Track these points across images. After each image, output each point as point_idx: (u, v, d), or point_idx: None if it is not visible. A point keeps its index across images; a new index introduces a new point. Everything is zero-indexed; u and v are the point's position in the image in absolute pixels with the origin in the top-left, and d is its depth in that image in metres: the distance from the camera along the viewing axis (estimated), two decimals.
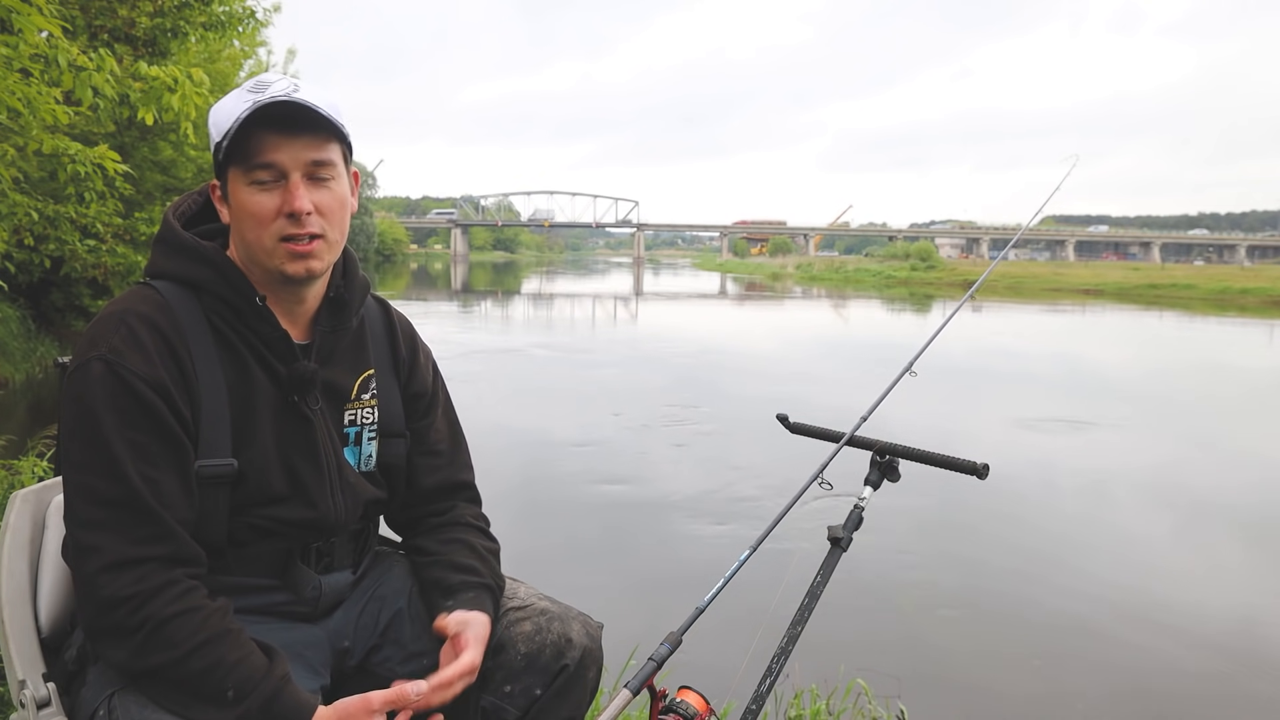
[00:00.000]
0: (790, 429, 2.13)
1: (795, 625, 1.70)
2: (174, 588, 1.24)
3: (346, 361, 1.49)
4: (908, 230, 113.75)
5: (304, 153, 1.32)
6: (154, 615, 1.21)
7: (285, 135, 1.31)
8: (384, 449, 1.53)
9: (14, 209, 6.69)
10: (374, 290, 1.60)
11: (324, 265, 1.38)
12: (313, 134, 1.33)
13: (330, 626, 1.48)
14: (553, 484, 7.59)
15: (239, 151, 1.31)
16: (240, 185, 1.33)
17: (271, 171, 1.32)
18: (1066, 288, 47.13)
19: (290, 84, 1.34)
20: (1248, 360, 19.14)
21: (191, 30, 8.30)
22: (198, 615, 1.24)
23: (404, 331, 1.61)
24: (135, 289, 1.38)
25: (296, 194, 1.31)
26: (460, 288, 47.78)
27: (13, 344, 11.53)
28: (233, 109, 1.32)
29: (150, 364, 1.27)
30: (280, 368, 1.39)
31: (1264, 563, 6.19)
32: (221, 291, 1.36)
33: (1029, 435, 9.97)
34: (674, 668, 1.60)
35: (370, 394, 1.52)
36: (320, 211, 1.34)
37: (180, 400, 1.29)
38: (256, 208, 1.32)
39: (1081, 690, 4.20)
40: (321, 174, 1.35)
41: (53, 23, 3.98)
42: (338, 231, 1.39)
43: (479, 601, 1.44)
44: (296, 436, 1.40)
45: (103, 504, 1.23)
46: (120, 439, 1.24)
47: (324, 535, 1.45)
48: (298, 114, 1.31)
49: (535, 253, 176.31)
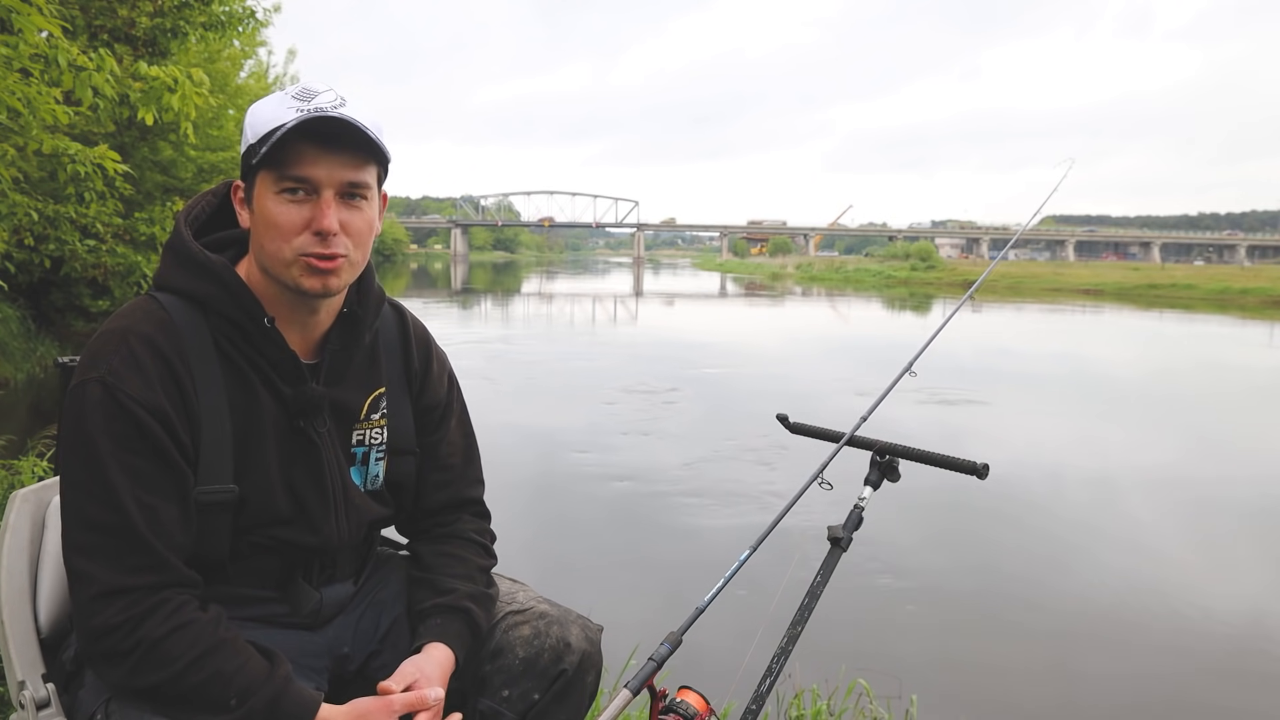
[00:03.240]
0: (790, 429, 2.13)
1: (795, 625, 1.70)
2: (164, 607, 1.22)
3: (357, 380, 1.45)
4: (907, 230, 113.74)
5: (342, 172, 1.28)
6: (147, 637, 1.20)
7: (326, 151, 1.27)
8: (392, 467, 1.50)
9: (14, 209, 6.69)
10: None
11: (342, 284, 1.34)
12: (353, 153, 1.29)
13: (329, 633, 1.47)
14: (549, 475, 7.59)
15: (275, 159, 1.26)
16: (269, 192, 1.28)
17: (305, 185, 1.27)
18: (1066, 288, 47.11)
19: (336, 97, 1.29)
20: (1249, 360, 19.13)
21: (191, 30, 8.30)
22: (192, 629, 1.22)
23: (419, 341, 1.56)
24: (141, 302, 1.34)
25: (327, 212, 1.27)
26: (460, 287, 47.76)
27: (13, 344, 11.52)
28: (275, 115, 1.27)
29: (149, 389, 1.24)
30: (286, 390, 1.36)
31: (1273, 560, 6.19)
32: (229, 312, 1.32)
33: (1030, 435, 9.97)
34: (674, 668, 1.60)
35: (380, 414, 1.48)
36: (347, 232, 1.30)
37: (180, 426, 1.27)
38: (283, 218, 1.28)
39: (1082, 689, 4.20)
40: (355, 194, 1.31)
41: (53, 23, 3.98)
42: (361, 254, 1.34)
43: (443, 629, 1.41)
44: (301, 460, 1.38)
45: (96, 530, 1.22)
46: (116, 464, 1.22)
47: (326, 555, 1.43)
48: (343, 131, 1.26)
49: (535, 253, 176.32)
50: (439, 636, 1.40)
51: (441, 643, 1.39)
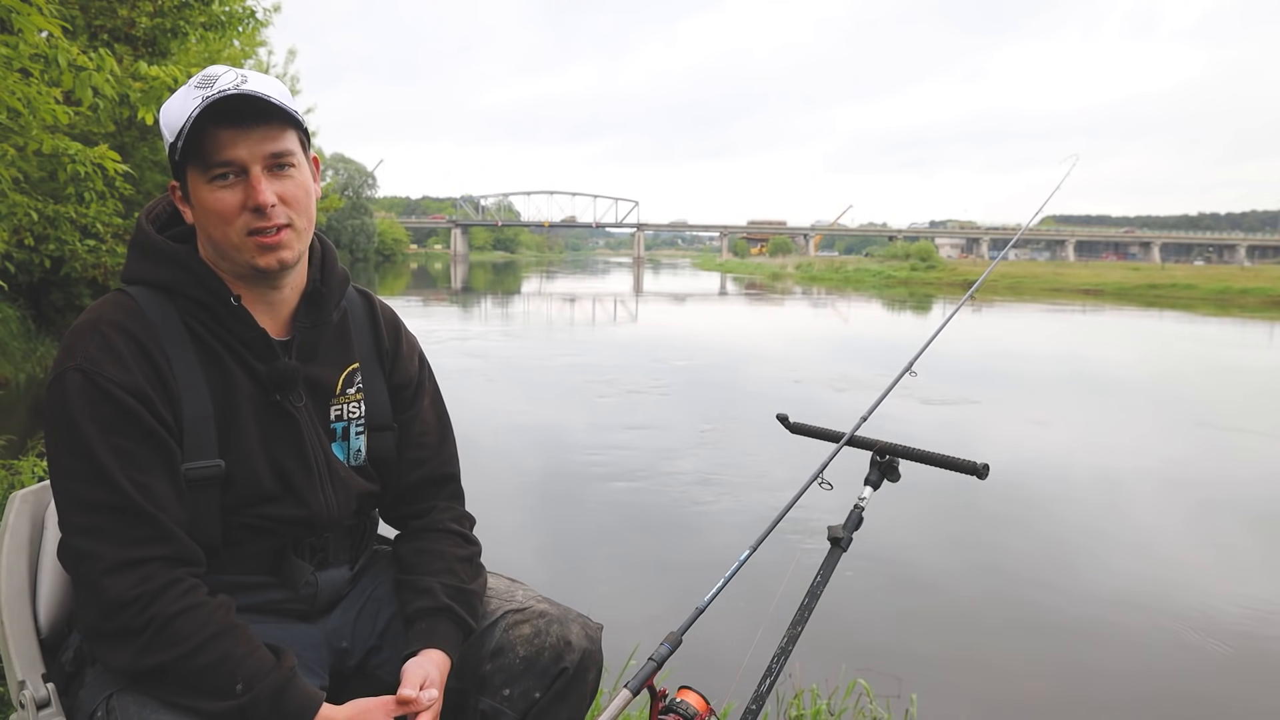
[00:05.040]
0: (790, 429, 2.13)
1: (795, 625, 1.70)
2: (178, 585, 1.24)
3: (330, 356, 1.48)
4: (908, 230, 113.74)
5: (261, 145, 1.30)
6: (160, 614, 1.21)
7: (240, 129, 1.29)
8: (373, 442, 1.52)
9: (14, 209, 6.68)
10: (374, 292, 1.60)
11: (295, 254, 1.36)
12: (268, 125, 1.31)
13: (328, 626, 1.48)
14: (549, 475, 7.59)
15: (195, 151, 1.29)
16: (200, 184, 1.31)
17: (231, 168, 1.30)
18: (1066, 288, 47.08)
19: (238, 75, 1.31)
20: (1249, 360, 19.13)
21: (191, 30, 8.29)
22: (203, 611, 1.24)
23: (388, 321, 1.60)
24: (110, 296, 1.37)
25: (259, 188, 1.30)
26: (460, 287, 47.76)
27: (13, 344, 11.53)
28: (183, 107, 1.30)
29: (127, 371, 1.27)
30: (260, 366, 1.38)
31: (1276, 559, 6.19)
32: (195, 293, 1.35)
33: (1032, 434, 9.97)
34: (674, 668, 1.60)
35: (355, 388, 1.50)
36: (285, 201, 1.33)
37: (161, 405, 1.29)
38: (220, 205, 1.30)
39: (1083, 688, 4.20)
40: (281, 164, 1.33)
41: (53, 23, 3.97)
42: (305, 219, 1.37)
43: (430, 633, 1.42)
44: (282, 435, 1.39)
45: (95, 510, 1.23)
46: (104, 446, 1.24)
47: (317, 531, 1.44)
48: (250, 106, 1.29)
49: (535, 253, 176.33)
50: (428, 641, 1.40)
51: (431, 647, 1.40)
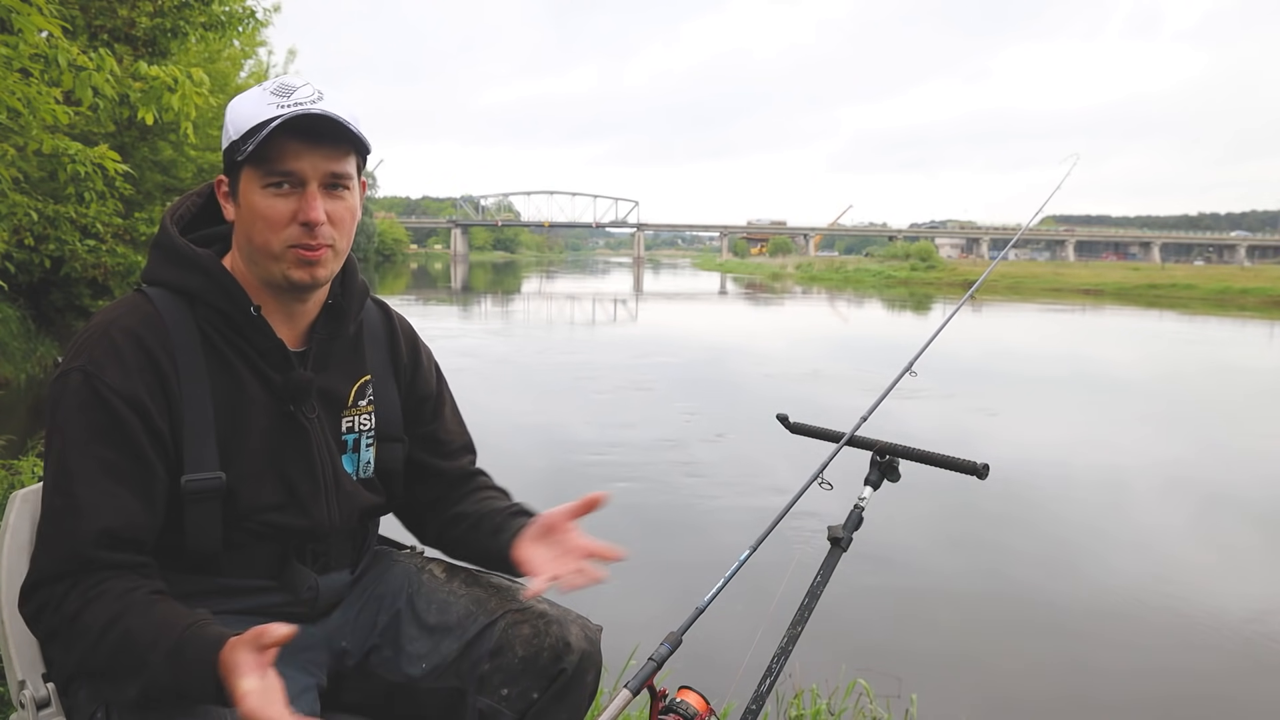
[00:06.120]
0: (790, 429, 2.13)
1: (795, 625, 1.70)
2: (85, 581, 1.22)
3: (343, 368, 1.49)
4: (908, 230, 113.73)
5: (324, 164, 1.31)
6: (67, 613, 1.21)
7: (308, 145, 1.30)
8: (382, 454, 1.53)
9: (14, 209, 6.68)
10: (374, 293, 1.60)
11: (329, 273, 1.37)
12: (335, 145, 1.32)
13: (328, 627, 1.48)
14: (549, 474, 7.60)
15: (261, 155, 1.29)
16: (254, 187, 1.31)
17: (290, 178, 1.31)
18: (1066, 288, 47.09)
19: (314, 91, 1.32)
20: (1250, 360, 19.13)
21: (191, 30, 8.29)
22: (105, 598, 1.20)
23: (405, 334, 1.61)
24: (128, 297, 1.37)
25: (313, 204, 1.30)
26: (460, 287, 47.77)
27: (13, 344, 11.52)
28: (255, 111, 1.30)
29: (128, 378, 1.27)
30: (275, 377, 1.38)
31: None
32: (216, 301, 1.35)
33: (1030, 434, 9.97)
34: (674, 668, 1.60)
35: (367, 400, 1.51)
36: (332, 221, 1.33)
37: (159, 416, 1.28)
38: (270, 211, 1.31)
39: (1084, 688, 4.20)
40: (337, 184, 1.34)
41: (53, 23, 3.97)
42: (345, 241, 1.38)
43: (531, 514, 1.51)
44: (292, 446, 1.39)
45: (47, 516, 1.25)
46: (80, 452, 1.24)
47: (319, 540, 1.45)
48: (323, 126, 1.30)
49: (535, 253, 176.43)
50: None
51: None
